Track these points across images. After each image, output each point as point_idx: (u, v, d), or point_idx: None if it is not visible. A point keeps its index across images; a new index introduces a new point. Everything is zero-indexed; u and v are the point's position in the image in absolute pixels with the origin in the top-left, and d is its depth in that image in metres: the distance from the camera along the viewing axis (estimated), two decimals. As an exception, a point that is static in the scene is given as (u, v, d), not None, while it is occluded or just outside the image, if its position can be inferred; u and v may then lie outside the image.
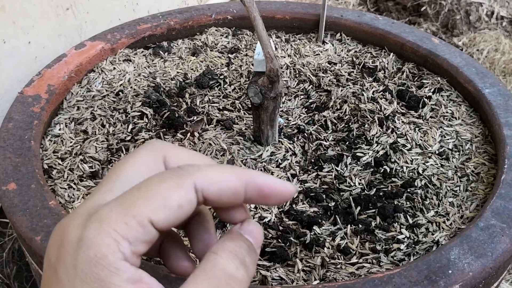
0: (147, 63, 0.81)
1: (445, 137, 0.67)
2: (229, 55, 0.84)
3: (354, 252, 0.52)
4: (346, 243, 0.53)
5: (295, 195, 0.59)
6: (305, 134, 0.68)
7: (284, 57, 0.83)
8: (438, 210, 0.57)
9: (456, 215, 0.56)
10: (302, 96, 0.76)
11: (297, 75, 0.79)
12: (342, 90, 0.75)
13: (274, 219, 0.56)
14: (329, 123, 0.70)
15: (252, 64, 0.80)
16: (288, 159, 0.64)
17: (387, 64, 0.81)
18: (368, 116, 0.70)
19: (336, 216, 0.56)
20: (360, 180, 0.61)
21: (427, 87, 0.76)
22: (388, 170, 0.62)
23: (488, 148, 0.65)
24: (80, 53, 0.77)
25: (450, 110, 0.72)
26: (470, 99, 0.73)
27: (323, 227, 0.55)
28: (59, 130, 0.67)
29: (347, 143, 0.66)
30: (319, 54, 0.84)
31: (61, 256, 0.26)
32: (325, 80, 0.77)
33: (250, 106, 0.72)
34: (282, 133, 0.68)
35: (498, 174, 0.57)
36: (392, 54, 0.83)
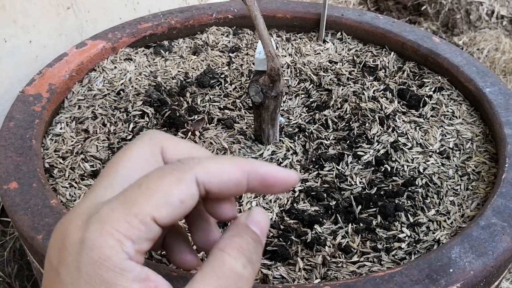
0: (148, 62, 0.81)
1: (445, 136, 0.68)
2: (230, 54, 0.84)
3: (355, 251, 0.52)
4: (347, 242, 0.53)
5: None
6: (306, 133, 0.68)
7: (285, 56, 0.83)
8: (439, 209, 0.57)
9: (457, 214, 0.56)
10: (303, 95, 0.76)
11: (298, 74, 0.79)
12: (343, 89, 0.75)
13: (275, 218, 0.56)
14: (329, 122, 0.70)
15: (253, 63, 0.80)
16: (289, 158, 0.64)
17: (388, 63, 0.81)
18: (369, 115, 0.70)
19: (337, 215, 0.56)
20: (361, 179, 0.61)
21: (427, 86, 0.76)
22: (389, 169, 0.62)
23: (488, 147, 0.65)
24: (81, 52, 0.77)
25: (451, 109, 0.72)
26: (470, 98, 0.73)
27: (324, 226, 0.55)
28: (60, 129, 0.67)
29: (348, 142, 0.66)
30: (319, 53, 0.84)
31: (63, 258, 0.26)
32: (326, 79, 0.77)
33: (251, 105, 0.72)
34: (283, 132, 0.68)
35: (499, 173, 0.57)
36: (392, 53, 0.83)
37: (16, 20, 0.79)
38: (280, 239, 0.53)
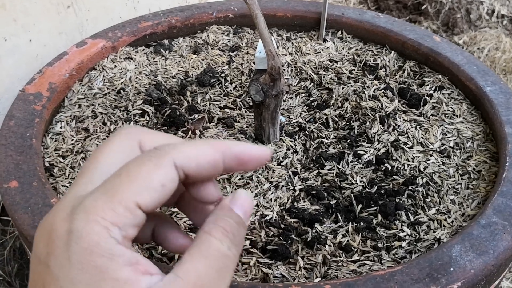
0: (148, 61, 0.81)
1: (446, 135, 0.67)
2: (230, 53, 0.84)
3: (355, 249, 0.52)
4: (348, 240, 0.53)
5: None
6: (306, 132, 0.68)
7: (285, 55, 0.83)
8: (439, 208, 0.57)
9: (458, 213, 0.56)
10: (304, 94, 0.76)
11: (298, 73, 0.79)
12: (343, 88, 0.75)
13: (276, 217, 0.56)
14: (330, 121, 0.70)
15: (253, 62, 0.80)
16: (289, 157, 0.64)
17: (388, 62, 0.81)
18: (369, 114, 0.70)
19: (338, 214, 0.56)
20: (362, 178, 0.61)
21: (428, 85, 0.76)
22: (389, 168, 0.62)
23: (489, 146, 0.65)
24: (81, 51, 0.77)
25: (451, 108, 0.72)
26: (471, 97, 0.73)
27: (325, 225, 0.55)
28: (60, 128, 0.67)
29: (348, 141, 0.66)
30: (320, 52, 0.84)
31: (51, 251, 0.26)
32: (326, 78, 0.77)
33: (251, 104, 0.72)
34: (283, 131, 0.68)
35: (500, 172, 0.57)
36: (393, 52, 0.83)
37: (17, 19, 0.79)
38: (281, 238, 0.53)
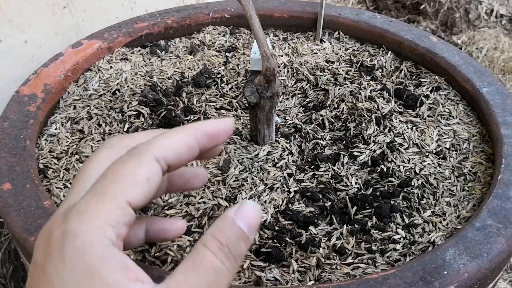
0: (144, 62, 0.81)
1: (442, 136, 0.67)
2: (226, 53, 0.84)
3: (349, 252, 0.52)
4: (342, 243, 0.52)
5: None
6: (302, 133, 0.68)
7: (282, 56, 0.83)
8: (434, 210, 0.57)
9: (453, 215, 0.56)
10: (300, 95, 0.76)
11: (294, 74, 0.79)
12: (339, 89, 0.75)
13: (270, 219, 0.55)
14: (326, 122, 0.70)
15: (249, 63, 0.80)
16: (284, 159, 0.63)
17: (385, 62, 0.81)
18: (365, 115, 0.70)
19: (332, 216, 0.56)
20: (357, 179, 0.61)
21: (424, 85, 0.76)
22: (385, 169, 0.62)
23: (485, 147, 0.65)
24: (77, 52, 0.77)
25: (448, 109, 0.72)
26: (467, 98, 0.73)
27: (319, 227, 0.55)
28: (55, 129, 0.67)
29: (344, 142, 0.66)
30: (316, 53, 0.84)
31: (48, 254, 0.27)
32: (322, 79, 0.77)
33: (247, 105, 0.71)
34: (279, 132, 0.68)
35: (495, 174, 0.57)
36: (390, 53, 0.83)
37: (12, 20, 0.79)
38: (275, 240, 0.53)
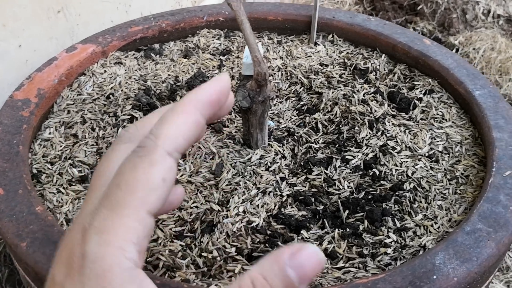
0: (138, 66, 0.81)
1: (435, 139, 0.67)
2: (221, 57, 0.84)
3: (341, 256, 0.52)
4: (333, 247, 0.53)
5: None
6: (295, 137, 0.68)
7: (276, 59, 0.83)
8: (426, 214, 0.57)
9: (444, 219, 0.56)
10: (294, 98, 0.76)
11: (288, 77, 0.79)
12: (333, 92, 0.75)
13: (262, 223, 0.56)
14: (319, 125, 0.70)
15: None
16: (277, 162, 0.63)
17: (379, 65, 0.81)
18: (359, 118, 0.70)
19: (324, 219, 0.56)
20: (349, 183, 0.61)
21: (418, 88, 0.76)
22: (377, 173, 0.62)
23: (478, 151, 0.65)
24: (71, 56, 0.77)
25: (441, 112, 0.72)
26: (460, 100, 0.73)
27: (311, 231, 0.55)
28: (49, 134, 0.67)
29: (337, 145, 0.66)
30: (311, 56, 0.84)
31: (68, 274, 0.26)
32: (316, 82, 0.77)
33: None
34: (272, 136, 0.68)
35: (486, 177, 0.57)
36: (384, 56, 0.83)
37: (6, 24, 0.79)
38: (267, 244, 0.53)
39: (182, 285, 0.47)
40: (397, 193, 0.59)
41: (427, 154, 0.65)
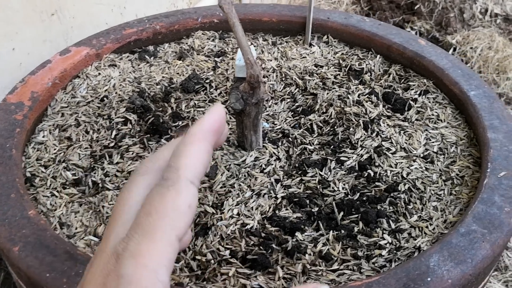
0: (133, 68, 0.81)
1: (430, 140, 0.67)
2: (215, 58, 0.84)
3: (335, 258, 0.52)
4: (328, 249, 0.52)
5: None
6: (289, 139, 0.67)
7: (271, 60, 0.83)
8: (421, 215, 0.57)
9: (440, 220, 0.56)
10: (288, 100, 0.75)
11: (283, 79, 0.79)
12: (328, 93, 0.75)
13: (257, 226, 0.55)
14: (314, 126, 0.70)
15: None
16: (272, 164, 0.63)
17: (374, 66, 0.81)
18: (353, 120, 0.70)
19: (319, 221, 0.56)
20: (344, 184, 0.61)
21: (413, 89, 0.76)
22: (372, 174, 0.62)
23: (473, 151, 0.65)
24: (65, 59, 0.77)
25: (436, 112, 0.72)
26: (455, 101, 0.73)
27: (306, 233, 0.55)
28: (43, 137, 0.67)
29: (332, 147, 0.66)
30: (305, 57, 0.84)
31: None
32: (311, 83, 0.77)
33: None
34: (266, 137, 0.68)
35: (481, 178, 0.57)
36: (378, 56, 0.83)
37: (-1, 28, 0.79)
38: (261, 247, 0.53)
39: (175, 289, 0.47)
40: (392, 194, 0.59)
41: (422, 155, 0.65)
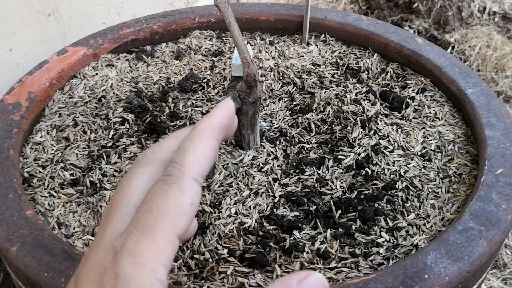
0: (130, 68, 0.81)
1: (427, 138, 0.67)
2: (213, 58, 0.84)
3: (333, 256, 0.52)
4: (326, 247, 0.52)
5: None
6: (287, 137, 0.68)
7: (268, 59, 0.83)
8: (419, 213, 0.57)
9: (437, 217, 0.56)
10: (286, 99, 0.75)
11: (281, 78, 0.79)
12: (325, 92, 0.75)
13: (254, 224, 0.55)
14: (312, 125, 0.70)
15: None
16: (269, 163, 0.63)
17: (371, 64, 0.81)
18: (351, 118, 0.70)
19: (317, 220, 0.56)
20: (342, 183, 0.61)
21: (410, 87, 0.76)
22: (369, 172, 0.62)
23: (470, 149, 0.65)
24: (62, 59, 0.77)
25: (434, 110, 0.72)
26: (453, 99, 0.73)
27: (303, 232, 0.55)
28: (41, 137, 0.67)
29: (329, 145, 0.66)
30: (303, 56, 0.84)
31: None
32: (308, 82, 0.77)
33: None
34: (264, 136, 0.68)
35: (478, 176, 0.57)
36: (376, 55, 0.83)
37: (-4, 28, 0.79)
38: (259, 245, 0.53)
39: (173, 287, 0.47)
40: (389, 192, 0.59)
41: (419, 153, 0.65)
